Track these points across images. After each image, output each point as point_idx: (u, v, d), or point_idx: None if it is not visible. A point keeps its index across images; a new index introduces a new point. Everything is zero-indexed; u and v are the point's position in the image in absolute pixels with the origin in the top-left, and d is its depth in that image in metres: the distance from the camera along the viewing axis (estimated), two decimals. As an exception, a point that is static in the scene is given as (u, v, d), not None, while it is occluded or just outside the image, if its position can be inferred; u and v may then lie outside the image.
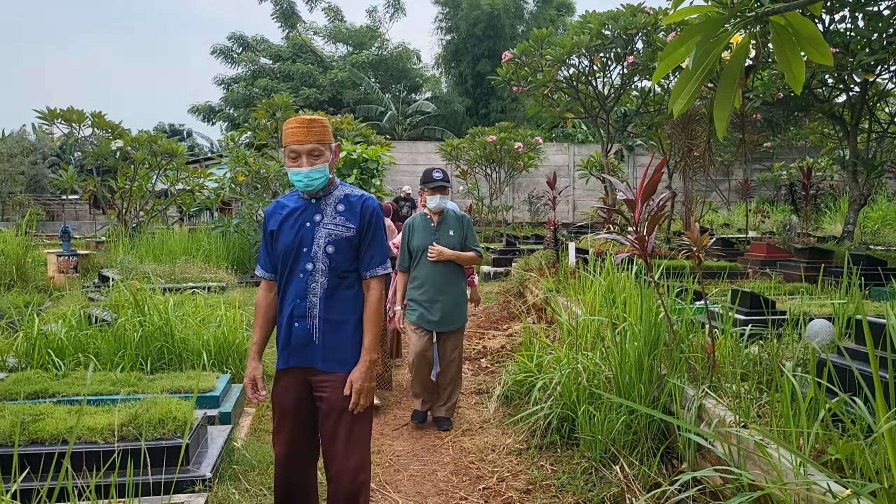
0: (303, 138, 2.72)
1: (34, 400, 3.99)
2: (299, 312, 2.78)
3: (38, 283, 10.26)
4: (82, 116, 14.59)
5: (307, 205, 2.85)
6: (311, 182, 2.75)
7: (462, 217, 5.07)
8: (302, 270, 2.77)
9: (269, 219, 2.89)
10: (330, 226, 2.79)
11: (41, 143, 38.31)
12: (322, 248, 2.77)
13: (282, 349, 2.84)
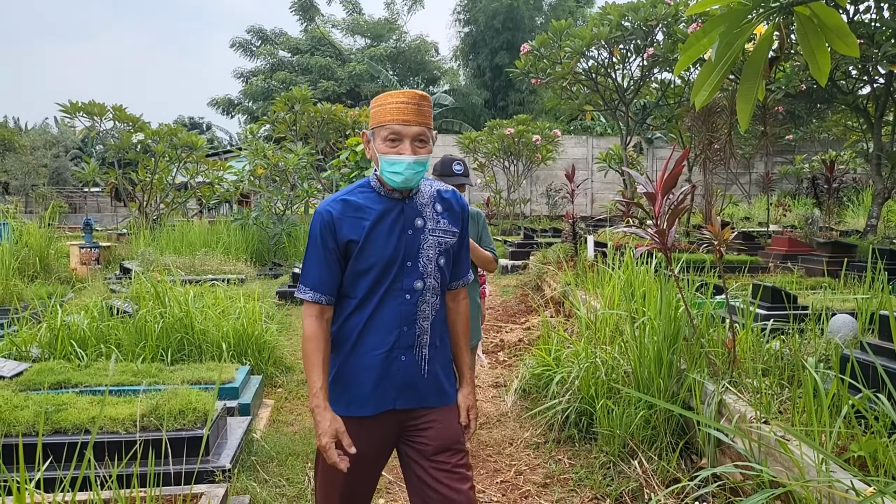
0: (411, 117, 2.12)
1: (57, 390, 4.04)
2: (406, 343, 2.19)
3: (60, 274, 10.40)
4: (104, 110, 14.74)
5: (401, 205, 2.20)
6: (413, 175, 2.14)
7: (477, 215, 4.46)
8: (408, 290, 2.17)
9: (340, 224, 2.15)
10: (437, 232, 2.23)
11: (63, 136, 38.76)
12: (434, 261, 2.21)
13: (372, 392, 2.18)
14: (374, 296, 2.16)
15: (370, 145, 2.18)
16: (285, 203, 14.58)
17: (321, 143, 17.66)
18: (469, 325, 2.42)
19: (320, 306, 2.18)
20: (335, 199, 2.20)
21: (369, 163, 13.26)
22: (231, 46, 35.46)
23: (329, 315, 2.21)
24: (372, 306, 2.16)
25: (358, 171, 13.25)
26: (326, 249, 2.15)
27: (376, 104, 2.16)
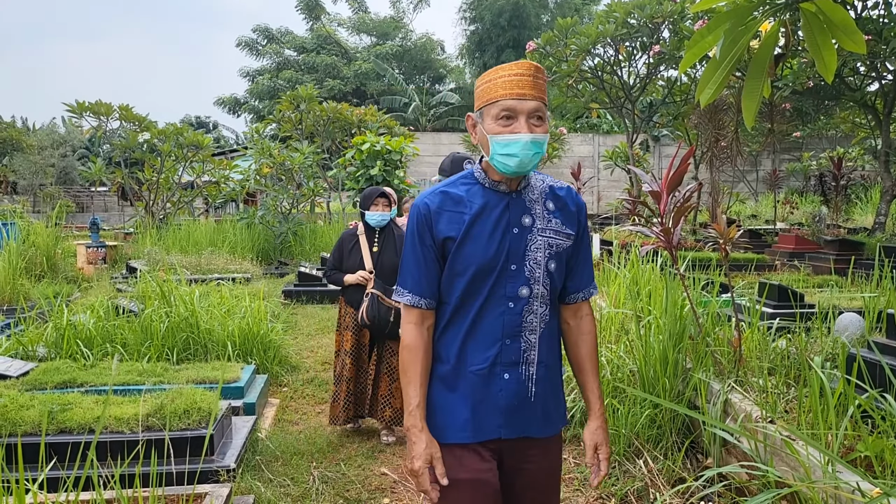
0: (526, 91, 1.81)
1: (63, 389, 4.05)
2: (510, 358, 1.89)
3: (67, 273, 10.44)
4: (110, 109, 14.79)
5: (507, 200, 1.91)
6: (529, 159, 1.81)
7: None
8: (512, 297, 1.88)
9: (438, 217, 1.90)
10: (547, 232, 1.91)
11: (70, 135, 38.93)
12: (543, 266, 1.90)
13: (471, 416, 1.89)
14: (472, 303, 1.89)
15: (476, 129, 1.92)
16: (291, 202, 14.60)
17: (327, 142, 17.66)
18: (597, 348, 2.07)
19: (420, 311, 1.92)
20: (434, 192, 1.94)
21: (375, 161, 13.25)
22: (237, 45, 35.54)
23: (430, 322, 1.93)
24: (471, 315, 1.89)
25: (364, 170, 13.23)
26: (424, 246, 1.90)
27: (484, 80, 1.89)
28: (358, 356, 4.54)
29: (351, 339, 4.51)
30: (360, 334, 4.53)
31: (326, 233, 13.99)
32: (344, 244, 4.63)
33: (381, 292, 4.38)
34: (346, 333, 4.54)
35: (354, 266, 4.50)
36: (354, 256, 4.53)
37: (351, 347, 4.50)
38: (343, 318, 4.61)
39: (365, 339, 4.55)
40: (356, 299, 4.48)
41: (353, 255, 4.54)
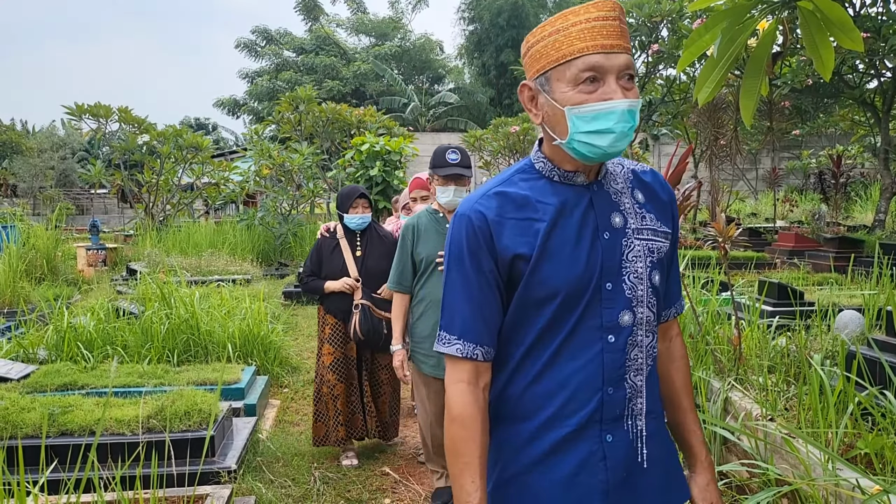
0: (615, 41, 1.29)
1: (63, 392, 4.06)
2: (612, 412, 1.37)
3: (67, 276, 10.44)
4: (109, 111, 14.80)
5: (588, 195, 1.39)
6: (626, 134, 1.30)
7: None
8: (611, 328, 1.35)
9: (500, 229, 1.36)
10: (645, 233, 1.41)
11: (70, 138, 38.95)
12: (646, 280, 1.39)
13: (564, 490, 1.37)
14: (555, 341, 1.34)
15: (538, 103, 1.37)
16: (291, 203, 14.60)
17: (326, 143, 17.66)
18: (690, 376, 1.61)
19: (474, 364, 1.36)
20: (487, 194, 1.39)
21: (374, 162, 13.23)
22: (236, 47, 35.60)
23: (487, 379, 1.39)
24: (552, 358, 1.35)
25: (363, 171, 13.23)
26: (480, 273, 1.35)
27: (549, 31, 1.32)
28: (346, 372, 4.08)
29: (334, 352, 4.06)
30: (346, 347, 4.08)
31: (326, 234, 13.97)
32: (322, 249, 4.18)
33: (371, 302, 4.03)
34: (327, 347, 4.07)
35: (336, 272, 4.09)
36: (335, 262, 4.10)
37: (333, 362, 4.04)
38: (321, 330, 4.17)
39: (351, 353, 4.11)
40: (339, 309, 4.06)
41: (334, 261, 4.10)
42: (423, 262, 3.37)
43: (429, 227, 3.41)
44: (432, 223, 3.41)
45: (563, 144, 1.33)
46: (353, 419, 4.13)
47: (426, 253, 3.36)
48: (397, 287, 3.46)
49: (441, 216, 3.42)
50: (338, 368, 4.06)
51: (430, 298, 3.37)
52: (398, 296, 3.49)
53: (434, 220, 3.42)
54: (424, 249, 3.37)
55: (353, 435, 4.15)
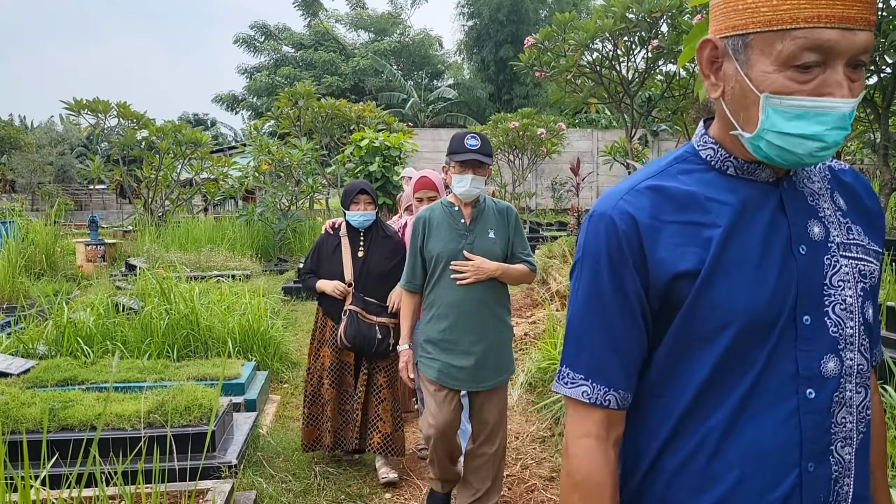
0: (859, 12, 0.92)
1: (63, 387, 4.06)
2: (814, 497, 1.00)
3: (66, 271, 10.44)
4: (108, 107, 14.76)
5: (777, 194, 1.05)
6: (837, 143, 0.95)
7: (507, 210, 3.28)
8: (812, 377, 1.00)
9: (654, 236, 1.02)
10: (853, 250, 1.06)
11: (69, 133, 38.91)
12: (857, 314, 1.04)
13: None
14: (729, 393, 0.99)
15: (720, 68, 1.01)
16: (290, 199, 14.59)
17: (325, 139, 17.64)
18: (886, 441, 1.28)
19: (605, 413, 1.05)
20: (636, 188, 1.05)
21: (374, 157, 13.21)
22: (235, 42, 35.49)
23: (620, 432, 1.07)
24: (727, 416, 0.99)
25: (363, 166, 13.21)
26: (621, 295, 1.03)
27: None
28: (340, 377, 3.88)
29: (330, 355, 3.87)
30: (343, 352, 3.87)
31: (326, 229, 13.96)
32: (323, 246, 4.00)
33: (362, 308, 3.77)
34: (324, 350, 3.90)
35: (333, 273, 3.87)
36: (335, 262, 3.90)
37: (330, 365, 3.87)
38: (320, 331, 3.97)
39: (349, 358, 3.89)
40: (336, 310, 3.85)
41: (334, 261, 3.91)
42: (434, 260, 3.10)
43: (442, 220, 3.14)
44: (446, 217, 3.14)
45: (745, 138, 0.99)
46: (344, 430, 3.89)
47: (438, 250, 3.08)
48: (407, 285, 3.25)
49: (457, 209, 3.15)
50: (333, 373, 3.86)
51: (440, 303, 3.09)
52: (406, 294, 3.27)
53: (449, 214, 3.15)
54: (436, 246, 3.09)
55: (341, 446, 3.91)
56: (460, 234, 3.11)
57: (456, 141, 3.17)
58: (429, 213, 3.21)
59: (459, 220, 3.13)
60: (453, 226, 3.12)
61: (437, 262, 3.09)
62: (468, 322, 3.05)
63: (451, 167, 3.15)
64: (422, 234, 3.16)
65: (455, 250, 3.07)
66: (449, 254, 3.07)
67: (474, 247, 3.09)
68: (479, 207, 3.18)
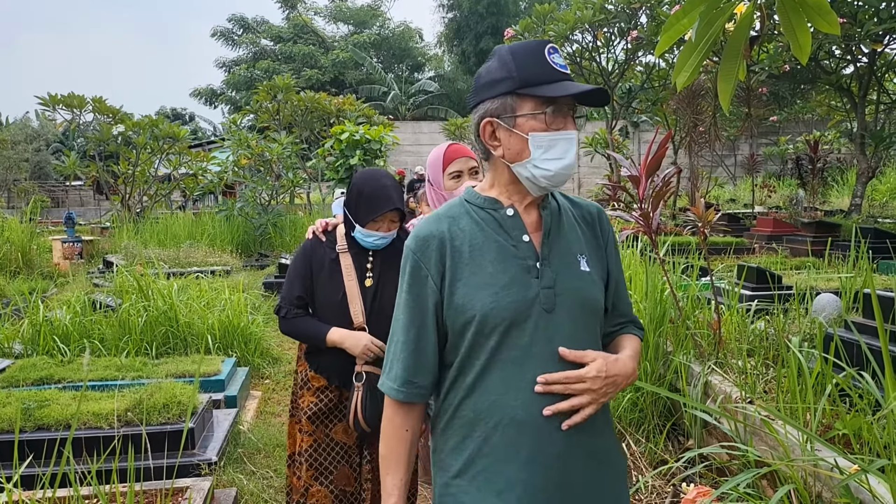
0: None
1: (40, 386, 4.00)
2: None
3: (43, 269, 10.29)
4: (83, 102, 14.56)
5: None
6: None
7: (592, 214, 1.60)
8: None
9: None
10: None
11: (44, 129, 38.30)
12: None
13: None
14: None
15: None
16: (270, 193, 14.48)
17: (305, 132, 17.53)
18: None
19: None
20: None
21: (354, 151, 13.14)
22: (212, 35, 35.14)
23: None
24: None
25: (343, 160, 13.14)
26: None
27: None
28: (335, 468, 2.56)
29: (315, 433, 2.53)
30: (336, 430, 2.54)
31: (307, 224, 13.88)
32: (313, 263, 2.51)
33: (375, 364, 2.41)
34: (307, 424, 2.52)
35: (332, 308, 2.46)
36: (332, 289, 2.46)
37: (314, 451, 2.53)
38: (300, 392, 2.57)
39: (349, 440, 2.54)
40: (334, 370, 2.48)
41: (331, 288, 2.47)
42: (474, 330, 1.41)
43: (480, 239, 1.46)
44: (487, 230, 1.47)
45: None
46: None
47: (481, 307, 1.40)
48: (399, 390, 1.56)
49: (510, 214, 1.47)
50: (320, 464, 2.50)
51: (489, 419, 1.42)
52: (396, 409, 1.55)
53: (491, 224, 1.47)
54: (475, 296, 1.41)
55: None
56: (524, 266, 1.43)
57: (524, 54, 1.41)
58: (445, 223, 1.48)
59: (520, 238, 1.45)
60: (507, 250, 1.44)
61: (482, 334, 1.41)
62: (557, 464, 1.40)
63: (518, 119, 1.41)
64: (436, 274, 1.45)
65: (520, 305, 1.40)
66: (509, 314, 1.39)
67: (559, 298, 1.42)
68: (551, 209, 1.50)
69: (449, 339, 1.45)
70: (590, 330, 1.47)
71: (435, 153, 2.60)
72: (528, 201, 1.48)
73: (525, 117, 1.39)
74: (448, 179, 2.54)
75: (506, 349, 1.39)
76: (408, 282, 1.45)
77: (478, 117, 1.45)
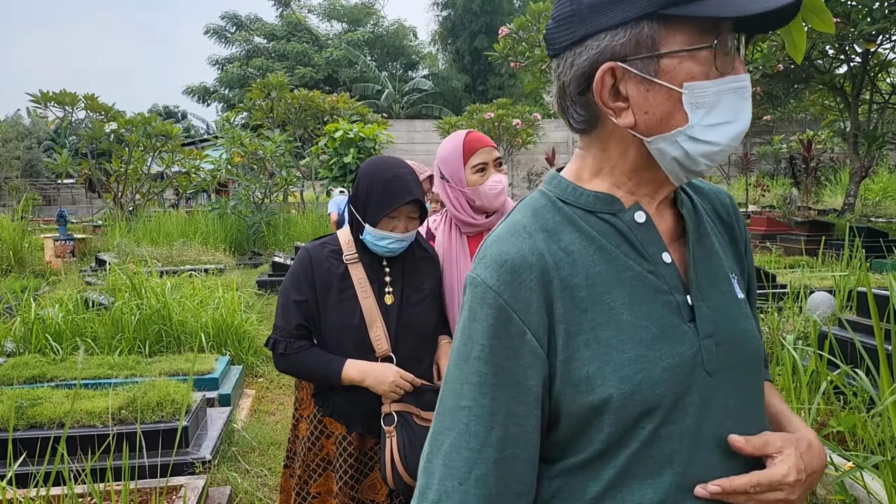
0: None
1: (32, 384, 3.97)
2: None
3: (35, 267, 10.23)
4: (75, 99, 14.49)
5: None
6: None
7: (726, 205, 1.06)
8: None
9: None
10: None
11: (36, 127, 38.11)
12: None
13: None
14: None
15: None
16: (264, 191, 14.45)
17: (299, 130, 17.49)
18: None
19: None
20: None
21: (348, 149, 13.12)
22: (205, 33, 35.02)
23: None
24: None
25: (337, 158, 13.12)
26: None
27: None
28: None
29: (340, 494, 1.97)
30: (363, 489, 1.99)
31: (300, 222, 13.86)
32: (316, 281, 1.94)
33: (416, 403, 1.93)
34: (319, 483, 2.00)
35: (346, 334, 1.93)
36: (345, 312, 1.93)
37: None
38: (312, 448, 2.00)
39: (377, 496, 1.99)
40: (352, 412, 1.95)
41: (343, 310, 1.93)
42: (616, 417, 0.85)
43: (600, 264, 0.88)
44: (606, 250, 0.89)
45: None
46: None
47: (625, 383, 0.85)
48: None
49: (642, 222, 0.91)
50: None
51: None
52: None
53: (611, 239, 0.90)
54: (610, 361, 0.86)
55: None
56: (670, 304, 0.89)
57: None
58: (540, 240, 0.89)
59: (658, 258, 0.90)
60: (645, 280, 0.89)
61: (623, 424, 0.85)
62: None
63: (664, 61, 0.84)
64: (539, 328, 0.86)
65: (680, 373, 0.86)
66: (665, 388, 0.85)
67: (720, 350, 0.89)
68: (688, 206, 0.97)
69: (558, 431, 0.89)
70: (757, 397, 0.95)
71: (450, 145, 2.16)
72: (662, 197, 0.93)
73: (676, 57, 0.82)
74: (471, 174, 2.10)
75: (658, 442, 0.85)
76: (487, 344, 0.84)
77: (584, 64, 0.85)
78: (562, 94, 0.91)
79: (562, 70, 0.89)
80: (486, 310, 0.85)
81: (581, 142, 0.96)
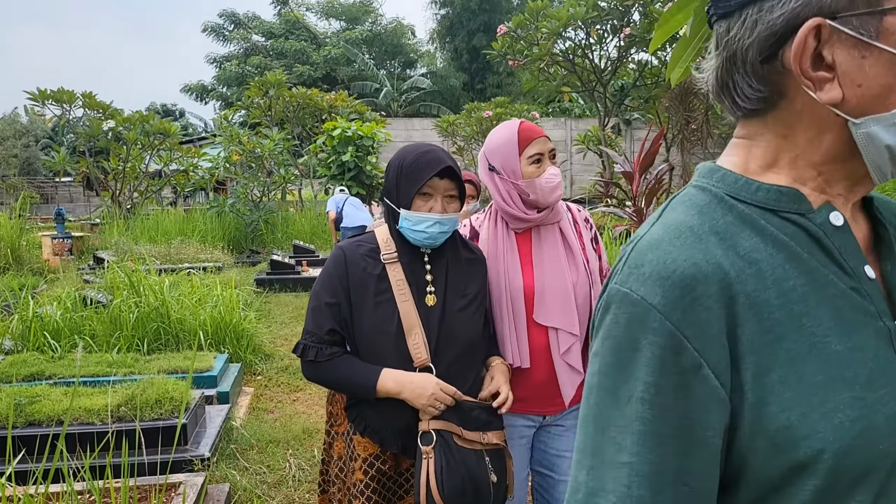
0: None
1: (30, 382, 3.97)
2: None
3: (33, 265, 10.23)
4: (73, 97, 14.47)
5: None
6: None
7: None
8: None
9: None
10: None
11: (33, 125, 38.02)
12: None
13: None
14: None
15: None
16: (262, 189, 14.45)
17: (297, 129, 17.49)
18: None
19: None
20: None
21: (347, 147, 13.11)
22: (203, 31, 35.03)
23: None
24: None
25: (335, 156, 13.12)
26: None
27: None
28: None
29: None
30: None
31: (298, 221, 13.86)
32: (350, 283, 1.77)
33: (459, 422, 1.74)
34: None
35: (386, 341, 1.74)
36: (382, 317, 1.75)
37: None
38: (350, 457, 1.83)
39: None
40: (387, 429, 1.77)
41: (380, 315, 1.75)
42: (831, 467, 0.64)
43: (795, 279, 0.68)
44: (804, 246, 0.70)
45: None
46: None
47: (860, 444, 0.64)
48: None
49: (839, 227, 0.71)
50: None
51: None
52: None
53: (806, 235, 0.71)
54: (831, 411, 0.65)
55: None
56: (881, 331, 0.68)
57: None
58: (714, 244, 0.69)
59: (861, 272, 0.70)
60: (850, 300, 0.68)
61: (835, 488, 0.64)
62: None
63: (888, 19, 0.64)
64: (720, 361, 0.66)
65: None
66: (890, 443, 0.64)
67: None
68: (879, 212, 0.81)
69: (735, 498, 0.69)
70: None
71: (502, 134, 1.96)
72: (857, 198, 0.74)
73: None
74: (527, 165, 1.91)
75: None
76: (652, 381, 0.65)
77: (777, 21, 0.65)
78: (730, 64, 0.70)
79: (737, 32, 0.68)
80: (650, 336, 0.65)
81: (744, 128, 0.75)
